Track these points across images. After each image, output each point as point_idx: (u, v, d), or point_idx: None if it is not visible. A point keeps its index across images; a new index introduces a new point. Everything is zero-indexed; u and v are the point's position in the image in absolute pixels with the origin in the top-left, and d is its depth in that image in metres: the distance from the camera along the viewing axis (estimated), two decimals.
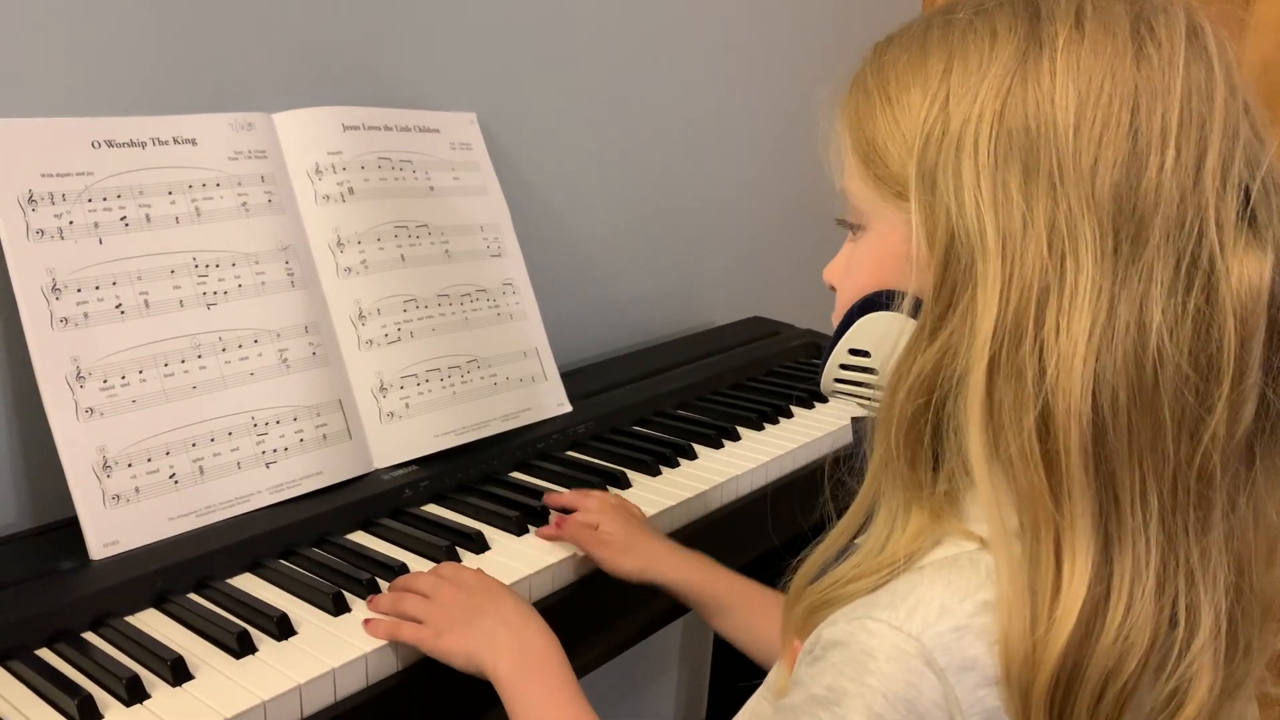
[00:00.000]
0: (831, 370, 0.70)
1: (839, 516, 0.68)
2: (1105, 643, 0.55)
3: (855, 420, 0.71)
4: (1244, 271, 0.55)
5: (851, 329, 0.67)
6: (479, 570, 0.87)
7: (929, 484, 0.62)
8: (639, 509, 1.03)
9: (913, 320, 0.61)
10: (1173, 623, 0.57)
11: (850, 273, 0.68)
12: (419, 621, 0.81)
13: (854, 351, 0.68)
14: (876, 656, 0.56)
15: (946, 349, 0.59)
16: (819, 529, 0.70)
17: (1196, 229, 0.55)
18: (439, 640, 0.80)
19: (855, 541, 0.65)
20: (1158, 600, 0.56)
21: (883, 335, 0.64)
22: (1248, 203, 0.57)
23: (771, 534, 1.00)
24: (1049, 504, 0.56)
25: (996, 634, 0.56)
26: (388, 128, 1.15)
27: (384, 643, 0.80)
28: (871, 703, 0.56)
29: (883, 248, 0.64)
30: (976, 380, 0.57)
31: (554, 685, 0.76)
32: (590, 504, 1.00)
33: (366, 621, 0.82)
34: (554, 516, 0.96)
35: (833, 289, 0.70)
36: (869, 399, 0.68)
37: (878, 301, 0.65)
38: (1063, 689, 0.55)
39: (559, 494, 1.04)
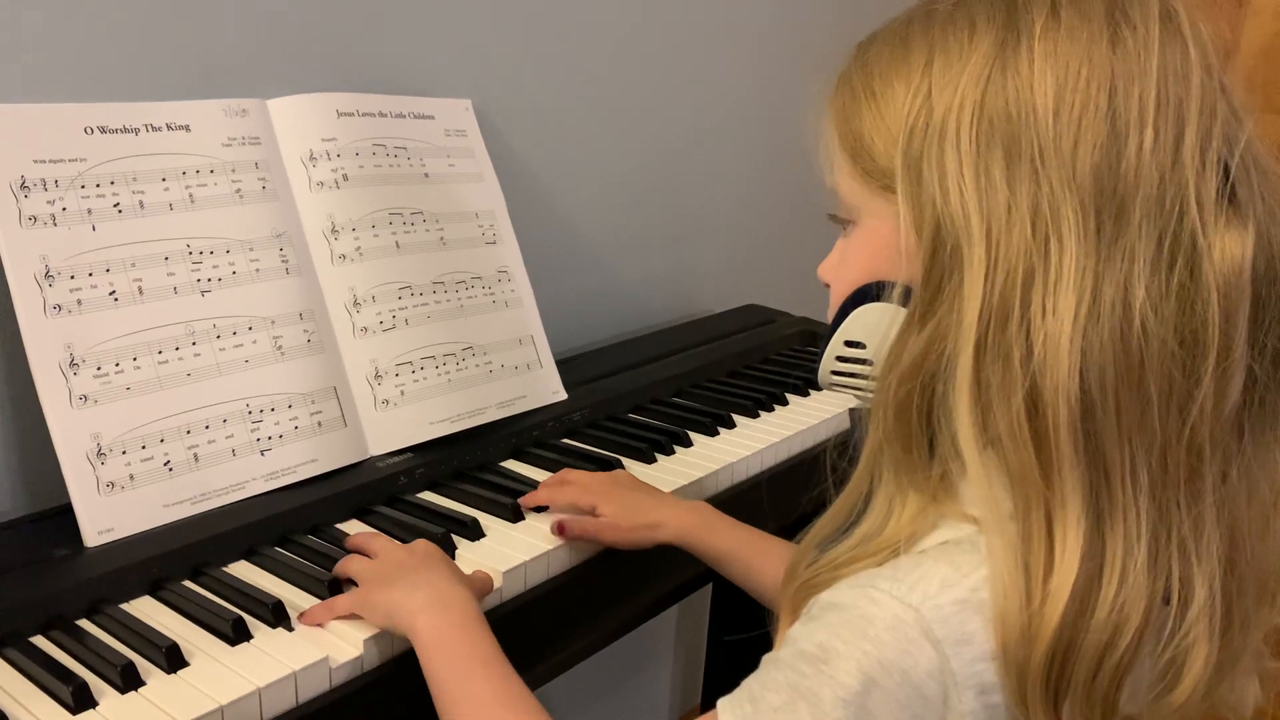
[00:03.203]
0: (828, 363, 0.71)
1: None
2: (1100, 617, 0.56)
3: (853, 411, 0.72)
4: (1225, 247, 0.56)
5: (846, 321, 0.68)
6: (434, 545, 0.86)
7: (924, 468, 0.62)
8: (626, 474, 1.04)
9: (905, 309, 0.62)
10: (1166, 597, 0.57)
11: (843, 267, 0.69)
12: (357, 583, 0.82)
13: (849, 343, 0.69)
14: (875, 624, 0.57)
15: (936, 334, 0.60)
16: (815, 514, 0.70)
17: (1177, 207, 0.56)
18: (366, 599, 0.80)
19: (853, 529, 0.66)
20: (1151, 574, 0.57)
21: (875, 325, 0.65)
22: (1227, 180, 0.58)
23: (769, 520, 1.00)
24: (1039, 482, 0.57)
25: (993, 610, 0.57)
26: (382, 114, 1.14)
27: (378, 630, 0.80)
28: (866, 668, 0.57)
29: (873, 240, 0.65)
30: (965, 363, 0.58)
31: (475, 644, 0.74)
32: (580, 484, 0.99)
33: (301, 615, 0.82)
34: (554, 519, 0.96)
35: (827, 285, 0.71)
36: (866, 390, 0.69)
37: (870, 293, 0.66)
38: (1058, 665, 0.56)
39: (532, 494, 1.01)
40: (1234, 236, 0.57)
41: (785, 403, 1.33)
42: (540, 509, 1.00)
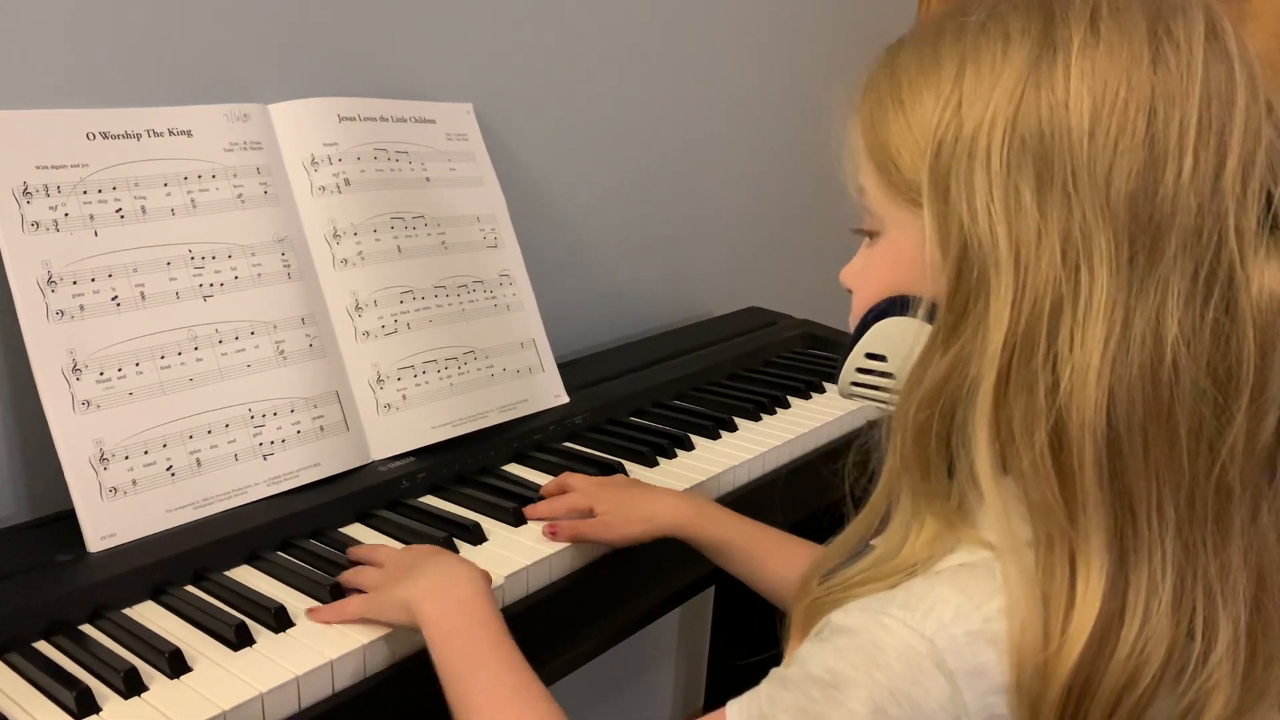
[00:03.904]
0: (848, 374, 0.69)
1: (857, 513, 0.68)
2: (1120, 657, 0.54)
3: (874, 424, 0.70)
4: (1265, 281, 0.54)
5: (868, 333, 0.67)
6: (434, 546, 0.87)
7: (943, 495, 0.61)
8: (624, 476, 1.04)
9: (928, 325, 0.61)
10: (1189, 636, 0.56)
11: (866, 276, 0.67)
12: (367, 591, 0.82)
13: (871, 355, 0.67)
14: (887, 652, 0.56)
15: (959, 359, 0.58)
16: (817, 518, 0.70)
17: (1215, 239, 0.54)
18: (378, 599, 0.80)
19: (871, 544, 0.65)
20: (1174, 614, 0.55)
21: (899, 339, 0.64)
22: (1269, 209, 0.55)
23: (773, 523, 1.00)
24: (1063, 518, 0.55)
25: (1008, 642, 0.56)
26: (384, 118, 1.14)
27: (380, 634, 0.80)
28: (876, 696, 0.56)
29: (898, 253, 0.63)
30: (987, 391, 0.56)
31: (485, 625, 0.75)
32: (577, 488, 1.00)
33: (310, 610, 0.82)
34: (547, 523, 0.97)
35: (849, 291, 0.69)
36: (886, 402, 0.68)
37: (894, 306, 0.65)
38: (1074, 702, 0.55)
39: (533, 506, 1.01)
40: (1274, 269, 0.54)
41: (787, 405, 1.33)
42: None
